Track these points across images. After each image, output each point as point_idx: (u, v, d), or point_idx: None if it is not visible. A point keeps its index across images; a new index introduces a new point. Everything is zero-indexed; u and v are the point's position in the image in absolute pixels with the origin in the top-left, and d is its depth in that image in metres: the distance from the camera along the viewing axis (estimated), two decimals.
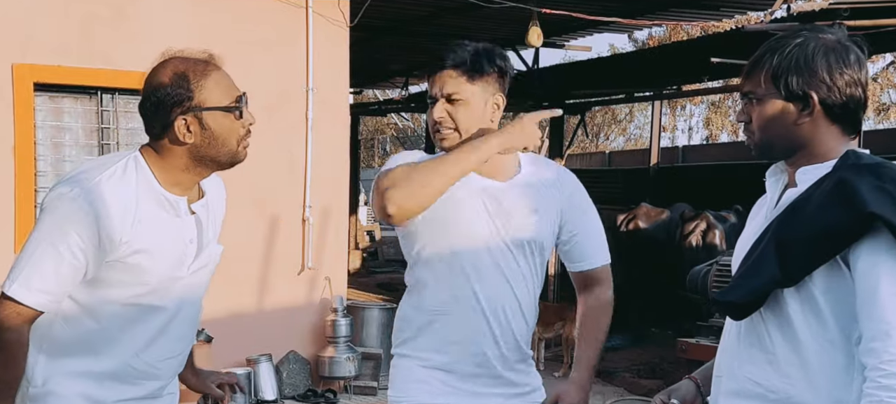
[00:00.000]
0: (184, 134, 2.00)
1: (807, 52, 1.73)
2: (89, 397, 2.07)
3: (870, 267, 1.60)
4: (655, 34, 20.64)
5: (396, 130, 28.19)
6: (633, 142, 26.34)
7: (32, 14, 5.61)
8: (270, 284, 6.49)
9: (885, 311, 1.57)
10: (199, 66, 2.02)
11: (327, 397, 6.39)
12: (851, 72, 1.72)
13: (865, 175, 1.64)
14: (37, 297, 1.95)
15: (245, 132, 2.07)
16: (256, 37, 6.23)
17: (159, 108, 2.00)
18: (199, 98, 1.99)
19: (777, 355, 1.74)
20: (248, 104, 2.08)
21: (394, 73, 13.21)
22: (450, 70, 2.30)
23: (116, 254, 1.97)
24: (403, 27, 9.08)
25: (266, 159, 6.32)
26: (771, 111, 1.78)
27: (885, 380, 1.55)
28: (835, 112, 1.73)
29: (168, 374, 2.20)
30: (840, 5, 6.12)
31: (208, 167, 2.08)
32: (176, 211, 2.06)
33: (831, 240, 1.63)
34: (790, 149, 1.79)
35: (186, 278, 2.10)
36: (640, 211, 9.31)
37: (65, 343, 2.05)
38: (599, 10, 7.98)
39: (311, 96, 6.47)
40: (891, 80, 20.22)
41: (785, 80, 1.74)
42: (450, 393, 2.36)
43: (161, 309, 2.08)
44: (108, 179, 1.98)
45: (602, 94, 11.16)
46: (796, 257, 1.67)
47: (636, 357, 8.11)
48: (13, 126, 5.59)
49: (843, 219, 1.61)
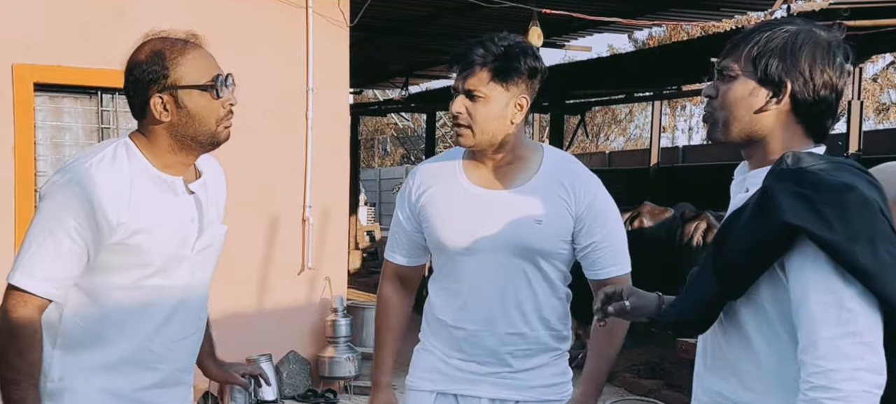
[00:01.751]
0: (160, 112, 2.01)
1: (796, 40, 1.67)
2: (107, 390, 2.08)
3: (797, 277, 1.56)
4: (655, 34, 20.65)
5: (396, 130, 28.19)
6: (633, 142, 26.34)
7: (32, 14, 5.61)
8: (270, 284, 6.49)
9: (812, 322, 1.52)
10: (177, 44, 2.04)
11: (327, 397, 6.39)
12: (831, 73, 1.66)
13: (786, 181, 1.57)
14: (41, 285, 1.96)
15: (225, 112, 2.07)
16: (256, 37, 6.23)
17: (137, 87, 2.03)
18: (175, 76, 2.00)
19: (739, 366, 1.70)
20: (231, 85, 2.07)
21: (394, 73, 13.20)
22: (475, 67, 2.28)
23: (116, 236, 1.99)
24: (403, 27, 9.08)
25: (266, 159, 6.32)
26: (741, 90, 1.70)
27: (810, 393, 1.51)
28: (802, 109, 1.67)
29: (182, 356, 2.20)
30: (840, 5, 6.12)
31: (191, 148, 2.08)
32: (173, 190, 2.08)
33: (759, 252, 1.59)
34: (747, 136, 1.72)
35: (191, 257, 2.12)
36: (645, 209, 9.30)
37: (77, 335, 2.06)
38: (599, 10, 7.98)
39: (311, 96, 6.46)
40: (891, 80, 20.22)
41: (765, 62, 1.67)
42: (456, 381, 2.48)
43: (168, 289, 2.10)
44: (98, 163, 2.00)
45: (602, 94, 11.17)
46: (732, 271, 1.63)
47: (636, 357, 8.10)
48: (13, 126, 5.59)
49: (764, 231, 1.57)
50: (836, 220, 1.49)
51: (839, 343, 1.49)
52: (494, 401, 2.45)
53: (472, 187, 2.39)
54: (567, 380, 2.51)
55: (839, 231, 1.49)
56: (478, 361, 2.43)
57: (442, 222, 2.40)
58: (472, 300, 2.40)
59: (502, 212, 2.35)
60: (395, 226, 2.54)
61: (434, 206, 2.42)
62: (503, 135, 2.32)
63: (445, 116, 26.42)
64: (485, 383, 2.43)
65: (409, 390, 2.56)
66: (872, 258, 1.49)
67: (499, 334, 2.40)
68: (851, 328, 1.50)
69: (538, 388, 2.45)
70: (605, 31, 10.50)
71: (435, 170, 2.48)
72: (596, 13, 7.89)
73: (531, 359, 2.44)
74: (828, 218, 1.50)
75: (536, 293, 2.40)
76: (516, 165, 2.39)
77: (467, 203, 2.38)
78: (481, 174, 2.40)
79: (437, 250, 2.44)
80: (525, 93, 2.31)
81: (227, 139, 2.10)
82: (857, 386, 1.48)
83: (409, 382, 2.57)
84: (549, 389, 2.46)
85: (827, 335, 1.50)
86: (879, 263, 1.49)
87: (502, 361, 2.42)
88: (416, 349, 2.58)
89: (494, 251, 2.35)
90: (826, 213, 1.50)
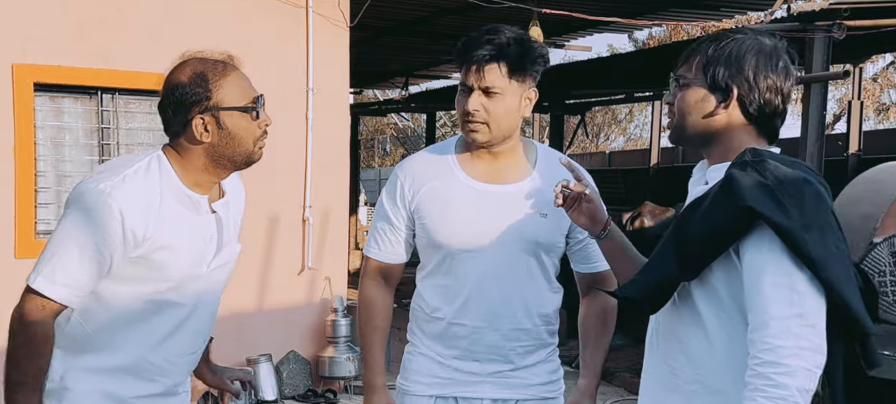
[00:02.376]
0: (201, 133, 2.03)
1: (740, 48, 1.79)
2: (106, 393, 2.09)
3: (753, 260, 1.66)
4: (655, 34, 20.63)
5: (396, 130, 28.18)
6: (633, 142, 26.34)
7: (32, 14, 5.61)
8: (270, 284, 6.48)
9: (765, 302, 1.63)
10: (218, 66, 2.06)
11: (327, 397, 6.39)
12: (775, 78, 1.78)
13: (749, 171, 1.68)
14: (61, 291, 1.97)
15: (261, 133, 2.11)
16: (256, 37, 6.23)
17: (179, 107, 2.03)
18: (217, 98, 2.03)
19: (690, 345, 1.80)
20: (264, 105, 2.11)
21: (394, 73, 13.20)
22: (492, 63, 2.23)
23: (141, 250, 1.99)
24: (403, 27, 9.08)
25: (266, 159, 6.28)
26: (693, 97, 1.83)
27: (759, 368, 1.61)
28: (750, 112, 1.79)
29: (184, 370, 2.23)
30: (840, 5, 6.12)
31: (225, 167, 2.10)
32: (197, 209, 2.09)
33: (718, 236, 1.69)
34: (702, 138, 1.85)
35: (205, 275, 2.13)
36: (646, 209, 9.30)
37: (82, 338, 2.06)
38: (599, 10, 7.98)
39: (311, 96, 6.46)
40: (891, 80, 20.21)
41: (713, 70, 1.79)
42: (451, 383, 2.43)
43: (179, 306, 2.10)
44: (133, 175, 2.01)
45: (602, 94, 11.16)
46: (692, 254, 1.73)
47: (636, 357, 8.10)
48: (13, 126, 5.59)
49: (725, 215, 1.67)
50: (793, 209, 1.61)
51: (789, 323, 1.61)
52: (496, 402, 2.42)
53: (472, 182, 2.34)
54: (560, 377, 2.52)
55: (795, 219, 1.61)
56: (479, 360, 2.39)
57: (443, 219, 2.34)
58: (474, 296, 2.35)
59: (508, 206, 2.32)
60: (381, 224, 2.46)
61: (433, 202, 2.36)
62: (514, 129, 2.31)
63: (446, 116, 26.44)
64: (486, 384, 2.41)
65: (403, 394, 2.50)
66: (822, 247, 1.61)
67: (502, 330, 2.37)
68: (799, 310, 1.61)
69: (536, 387, 2.44)
70: (605, 31, 10.49)
71: (428, 165, 2.41)
72: (596, 13, 7.89)
73: (531, 355, 2.43)
74: (786, 206, 1.62)
75: (538, 287, 2.39)
76: (513, 159, 2.37)
77: (469, 198, 2.33)
78: (479, 168, 2.36)
79: (434, 247, 2.38)
80: (533, 85, 2.30)
81: (260, 158, 2.14)
82: (800, 362, 1.60)
83: (402, 385, 2.51)
84: (545, 388, 2.46)
85: (777, 315, 1.61)
86: (827, 252, 1.61)
87: (505, 358, 2.40)
88: (407, 351, 2.53)
89: (501, 246, 2.31)
90: (785, 202, 1.62)
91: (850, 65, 8.93)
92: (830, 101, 17.66)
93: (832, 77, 6.79)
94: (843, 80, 8.09)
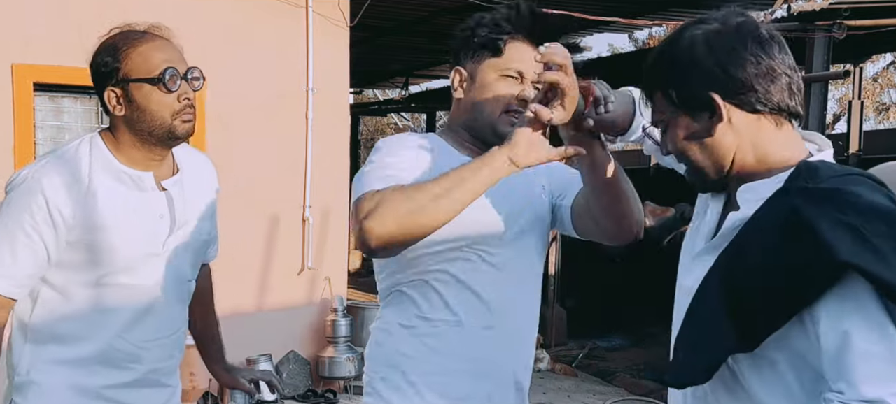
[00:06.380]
0: (114, 105, 1.99)
1: (679, 48, 1.44)
2: (74, 385, 2.05)
3: (836, 321, 1.30)
4: (655, 34, 20.63)
5: (396, 130, 28.20)
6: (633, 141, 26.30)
7: (32, 14, 5.61)
8: (270, 284, 6.48)
9: (854, 361, 1.28)
10: (133, 37, 2.01)
11: (327, 397, 6.39)
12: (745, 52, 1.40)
13: (824, 205, 1.31)
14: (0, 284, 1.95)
15: (181, 107, 1.99)
16: (256, 37, 6.23)
17: (94, 80, 2.02)
18: (126, 69, 1.98)
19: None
20: (191, 79, 2.01)
21: (394, 73, 13.19)
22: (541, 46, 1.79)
23: (74, 234, 1.95)
24: (403, 27, 9.07)
25: (266, 159, 6.32)
26: (682, 133, 1.48)
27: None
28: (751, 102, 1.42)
29: (158, 357, 2.14)
30: (840, 5, 6.12)
31: (151, 142, 2.01)
32: (138, 185, 2.03)
33: (794, 296, 1.32)
34: (721, 168, 1.48)
35: (162, 255, 2.06)
36: (646, 209, 9.30)
37: (46, 330, 2.04)
38: (599, 10, 7.97)
39: (311, 96, 6.46)
40: (891, 80, 20.20)
41: (675, 92, 1.45)
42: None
43: (136, 288, 2.05)
44: (57, 159, 1.98)
45: None
46: (753, 321, 1.35)
47: (636, 357, 8.10)
48: (13, 126, 5.59)
49: (807, 272, 1.30)
50: (891, 254, 1.26)
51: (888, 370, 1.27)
52: None
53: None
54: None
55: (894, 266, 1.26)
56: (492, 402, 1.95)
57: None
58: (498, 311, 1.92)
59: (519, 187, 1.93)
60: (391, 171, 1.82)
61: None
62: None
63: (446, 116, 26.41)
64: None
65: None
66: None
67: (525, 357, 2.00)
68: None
69: None
70: (605, 31, 10.50)
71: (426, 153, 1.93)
72: (596, 13, 7.88)
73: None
74: (883, 252, 1.26)
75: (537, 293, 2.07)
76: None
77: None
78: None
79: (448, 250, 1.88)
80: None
81: (188, 134, 2.02)
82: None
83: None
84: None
85: (873, 369, 1.27)
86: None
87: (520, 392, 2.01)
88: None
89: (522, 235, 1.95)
90: (880, 246, 1.26)
91: (850, 65, 8.92)
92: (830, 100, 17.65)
93: (832, 77, 6.79)
94: (843, 80, 8.09)
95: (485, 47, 1.92)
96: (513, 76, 1.90)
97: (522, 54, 1.89)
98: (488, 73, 1.92)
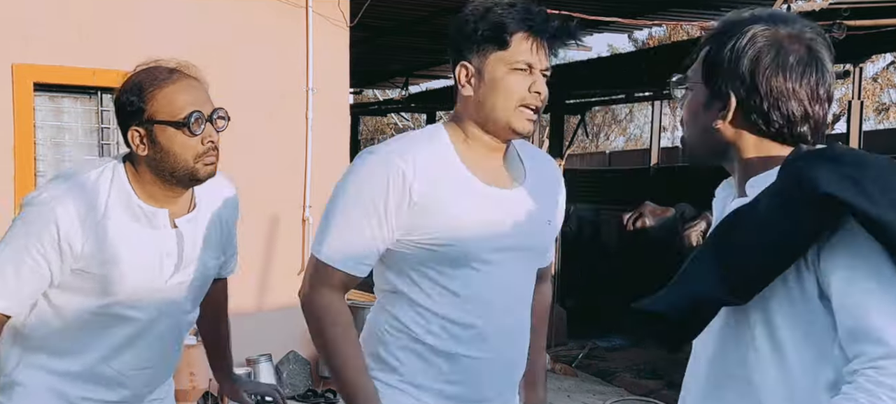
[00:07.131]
0: (137, 144, 1.97)
1: (741, 42, 1.43)
2: (54, 390, 2.06)
3: (843, 266, 1.30)
4: (655, 34, 20.63)
5: (396, 130, 28.19)
6: (633, 142, 26.32)
7: (32, 14, 5.61)
8: (270, 284, 6.48)
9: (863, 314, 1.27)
10: (159, 76, 1.97)
11: (327, 397, 6.39)
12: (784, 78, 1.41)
13: (821, 162, 1.31)
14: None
15: (205, 150, 1.98)
16: (256, 37, 6.23)
17: (119, 116, 2.00)
18: (151, 110, 1.95)
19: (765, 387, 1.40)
20: (216, 120, 2.00)
21: (394, 73, 13.20)
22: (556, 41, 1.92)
23: (81, 263, 1.95)
24: (403, 27, 9.07)
25: (266, 159, 6.32)
26: (694, 104, 1.50)
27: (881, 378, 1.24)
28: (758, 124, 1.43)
29: (140, 384, 2.15)
30: (840, 5, 6.12)
31: (171, 182, 2.00)
32: (151, 223, 2.01)
33: (787, 242, 1.31)
34: (713, 154, 1.51)
35: (165, 291, 2.06)
36: (646, 209, 9.30)
37: (37, 339, 2.05)
38: (599, 10, 7.97)
39: (311, 96, 6.46)
40: (891, 80, 20.20)
41: (713, 69, 1.45)
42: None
43: (132, 320, 2.05)
44: (76, 187, 1.96)
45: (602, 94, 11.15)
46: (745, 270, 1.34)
47: (636, 357, 8.10)
48: (13, 126, 5.59)
49: (795, 216, 1.29)
50: (878, 194, 1.25)
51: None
52: None
53: (481, 186, 1.93)
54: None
55: (884, 206, 1.25)
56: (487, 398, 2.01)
57: (458, 225, 1.89)
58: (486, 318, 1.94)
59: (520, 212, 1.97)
60: (353, 226, 1.93)
61: (441, 204, 1.89)
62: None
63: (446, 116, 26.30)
64: None
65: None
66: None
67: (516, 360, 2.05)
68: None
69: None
70: (605, 31, 10.50)
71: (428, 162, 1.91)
72: (596, 13, 7.88)
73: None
74: (869, 190, 1.26)
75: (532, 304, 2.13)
76: (509, 159, 2.01)
77: (482, 204, 1.92)
78: (483, 168, 1.95)
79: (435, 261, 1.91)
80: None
81: (209, 175, 2.02)
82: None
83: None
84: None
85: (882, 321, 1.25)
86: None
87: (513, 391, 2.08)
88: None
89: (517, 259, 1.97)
90: (867, 186, 1.26)
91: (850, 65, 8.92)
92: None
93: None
94: (843, 80, 8.09)
95: (490, 41, 1.90)
96: (522, 69, 1.89)
97: (528, 45, 1.89)
98: (497, 67, 1.91)
